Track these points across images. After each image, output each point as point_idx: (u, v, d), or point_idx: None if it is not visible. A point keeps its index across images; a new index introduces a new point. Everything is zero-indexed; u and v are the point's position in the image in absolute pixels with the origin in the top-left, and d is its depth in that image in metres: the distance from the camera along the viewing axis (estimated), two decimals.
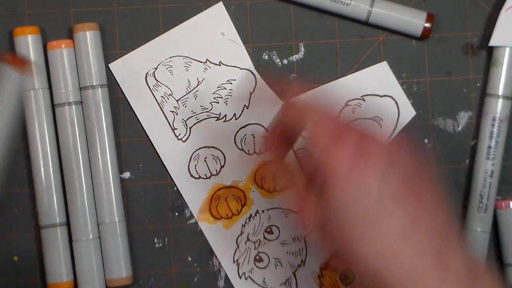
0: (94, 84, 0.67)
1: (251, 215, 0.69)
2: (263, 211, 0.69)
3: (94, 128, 0.67)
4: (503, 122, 0.68)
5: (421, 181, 0.52)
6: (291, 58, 0.69)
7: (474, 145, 0.69)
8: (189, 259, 0.68)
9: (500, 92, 0.68)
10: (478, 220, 0.67)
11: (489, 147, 0.67)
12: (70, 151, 0.67)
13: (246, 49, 0.69)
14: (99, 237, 0.67)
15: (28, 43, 0.67)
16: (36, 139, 0.67)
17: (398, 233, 0.49)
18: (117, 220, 0.67)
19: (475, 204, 0.67)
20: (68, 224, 0.67)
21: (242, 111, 0.69)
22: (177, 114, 0.69)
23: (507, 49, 0.68)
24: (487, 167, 0.67)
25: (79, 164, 0.67)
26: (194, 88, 0.69)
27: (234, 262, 0.68)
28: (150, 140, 0.69)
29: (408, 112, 0.69)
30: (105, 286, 0.67)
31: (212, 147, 0.69)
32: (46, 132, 0.67)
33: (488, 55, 0.69)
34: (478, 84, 0.69)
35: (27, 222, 0.68)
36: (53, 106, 0.68)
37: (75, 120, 0.67)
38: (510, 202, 0.68)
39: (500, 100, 0.68)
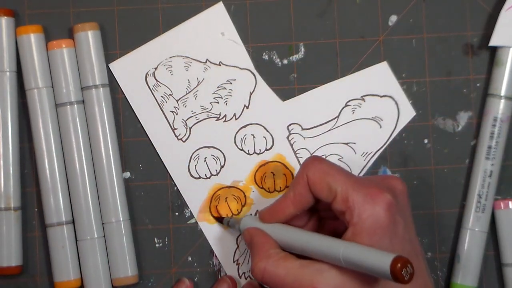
0: (97, 83, 0.67)
1: (251, 215, 0.69)
2: None
3: (98, 128, 0.67)
4: (504, 122, 0.68)
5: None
6: (291, 58, 0.69)
7: (474, 145, 0.69)
8: (189, 259, 0.69)
9: (502, 92, 0.68)
10: (476, 220, 0.67)
11: (489, 147, 0.68)
12: (72, 150, 0.67)
13: (246, 49, 0.69)
14: (104, 236, 0.67)
15: (31, 41, 0.67)
16: (41, 137, 0.67)
17: None
18: (122, 219, 0.67)
19: (473, 203, 0.68)
20: (74, 222, 0.68)
21: (242, 111, 0.69)
22: (177, 114, 0.69)
23: (511, 49, 0.68)
24: (487, 167, 0.68)
25: (82, 163, 0.67)
26: (194, 88, 0.69)
27: (234, 262, 0.69)
28: (150, 140, 0.69)
29: (408, 112, 0.69)
30: (111, 285, 0.67)
31: (212, 147, 0.69)
32: (51, 130, 0.67)
33: (490, 55, 0.69)
34: (478, 84, 0.69)
35: (33, 221, 0.68)
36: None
37: (77, 120, 0.67)
38: (509, 202, 0.68)
39: (502, 101, 0.68)
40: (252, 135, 0.69)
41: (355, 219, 0.56)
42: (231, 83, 0.69)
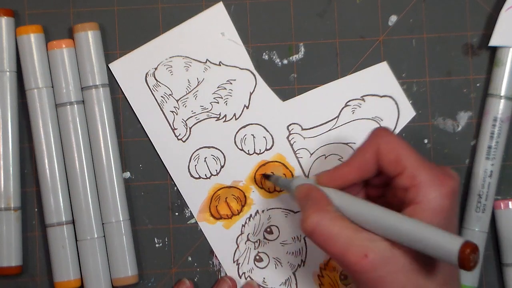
0: (97, 83, 0.68)
1: (251, 215, 0.69)
2: (263, 211, 0.69)
3: (98, 128, 0.67)
4: (504, 122, 0.68)
5: None
6: (291, 58, 0.69)
7: (474, 145, 0.69)
8: (189, 259, 0.69)
9: (502, 92, 0.68)
10: (476, 220, 0.67)
11: (489, 147, 0.68)
12: (72, 150, 0.67)
13: (246, 49, 0.69)
14: (104, 236, 0.67)
15: (31, 41, 0.67)
16: (41, 137, 0.67)
17: None
18: (122, 219, 0.67)
19: (473, 204, 0.68)
20: (74, 222, 0.68)
21: (242, 111, 0.69)
22: (177, 114, 0.69)
23: (511, 49, 0.68)
24: (487, 167, 0.68)
25: (82, 163, 0.67)
26: (194, 88, 0.69)
27: (234, 262, 0.69)
28: (150, 140, 0.69)
29: (408, 112, 0.69)
30: (111, 285, 0.67)
31: (212, 147, 0.69)
32: (51, 130, 0.67)
33: (490, 55, 0.69)
34: (478, 84, 0.69)
35: (33, 221, 0.68)
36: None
37: (77, 120, 0.67)
38: (509, 202, 0.68)
39: (502, 101, 0.68)
40: (252, 135, 0.69)
41: (420, 197, 0.56)
42: (231, 83, 0.69)
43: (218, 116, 0.69)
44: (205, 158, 0.69)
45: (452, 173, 0.59)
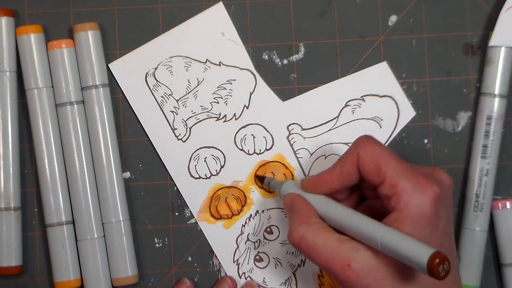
0: (97, 83, 0.68)
1: (251, 215, 0.69)
2: (263, 211, 0.69)
3: (98, 128, 0.67)
4: (498, 120, 0.68)
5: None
6: (291, 58, 0.69)
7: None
8: (189, 259, 0.69)
9: (494, 91, 0.68)
10: (474, 219, 0.67)
11: (485, 146, 0.67)
12: (72, 150, 0.67)
13: (246, 49, 0.69)
14: (104, 236, 0.67)
15: (31, 42, 0.67)
16: (41, 137, 0.67)
17: None
18: (122, 219, 0.67)
19: (471, 203, 0.68)
20: (74, 222, 0.68)
21: (242, 111, 0.69)
22: (177, 114, 0.69)
23: (502, 48, 0.68)
24: (483, 166, 0.67)
25: (82, 163, 0.67)
26: (194, 88, 0.69)
27: (234, 262, 0.69)
28: (150, 140, 0.69)
29: (408, 112, 0.69)
30: (111, 285, 0.67)
31: (212, 147, 0.69)
32: (51, 130, 0.67)
33: None
34: (478, 84, 0.69)
35: (33, 221, 0.68)
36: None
37: (77, 120, 0.67)
38: (507, 202, 0.68)
39: (494, 99, 0.68)
40: (252, 135, 0.69)
41: (401, 205, 0.56)
42: (231, 83, 0.69)
43: (218, 116, 0.69)
44: (205, 158, 0.69)
45: (441, 177, 0.59)
